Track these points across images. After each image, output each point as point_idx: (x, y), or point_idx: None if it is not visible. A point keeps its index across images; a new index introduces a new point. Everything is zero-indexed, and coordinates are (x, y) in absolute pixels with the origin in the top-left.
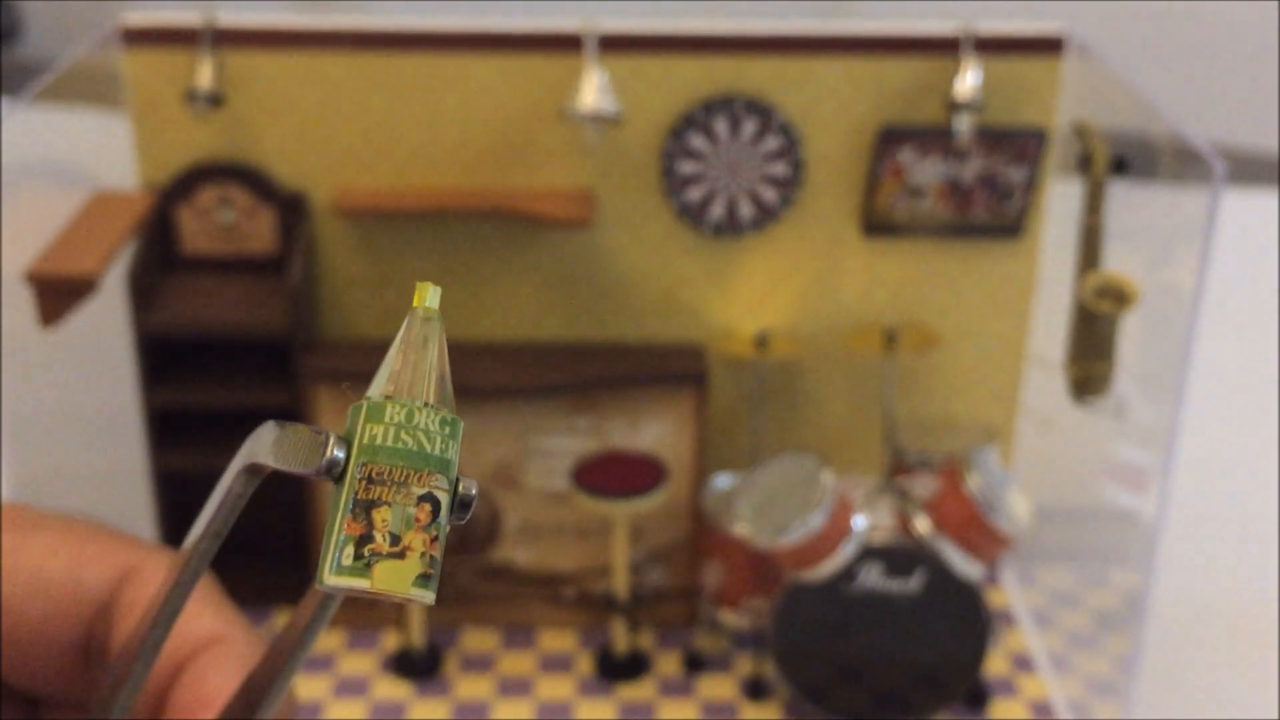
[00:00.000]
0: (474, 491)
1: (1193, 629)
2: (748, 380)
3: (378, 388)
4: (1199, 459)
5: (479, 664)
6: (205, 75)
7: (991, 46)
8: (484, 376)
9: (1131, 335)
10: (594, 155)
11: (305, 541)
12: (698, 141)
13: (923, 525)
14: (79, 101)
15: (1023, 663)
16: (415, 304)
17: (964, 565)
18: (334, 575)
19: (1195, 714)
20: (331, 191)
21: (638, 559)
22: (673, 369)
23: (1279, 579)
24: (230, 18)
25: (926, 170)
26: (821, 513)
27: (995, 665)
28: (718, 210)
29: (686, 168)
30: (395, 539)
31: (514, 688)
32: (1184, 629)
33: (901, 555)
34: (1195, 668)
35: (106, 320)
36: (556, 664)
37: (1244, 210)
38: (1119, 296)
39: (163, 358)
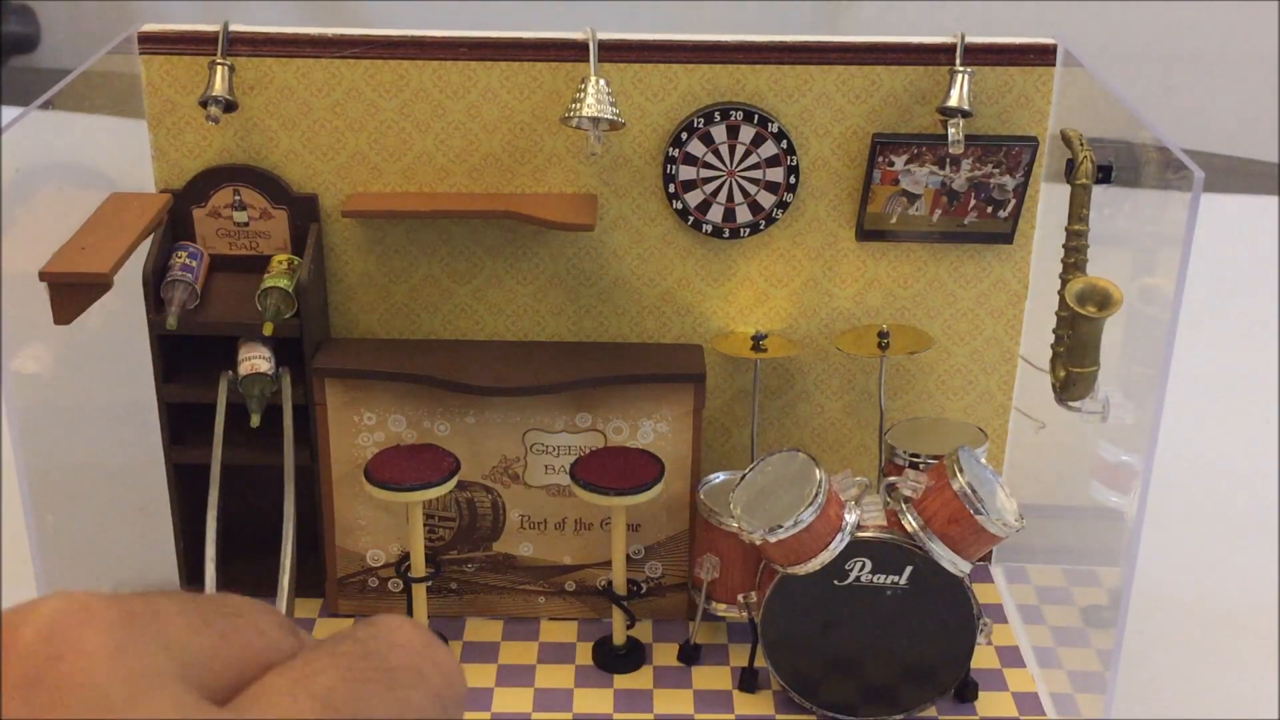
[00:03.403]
0: None
1: (1180, 624)
2: (744, 380)
3: None
4: (1186, 459)
5: (481, 653)
6: (219, 81)
7: (984, 56)
8: (487, 375)
9: (1115, 338)
10: (596, 160)
11: (317, 536)
12: (697, 147)
13: (911, 522)
14: (97, 106)
15: (1010, 657)
16: None
17: (952, 562)
18: None
19: (1178, 707)
20: (342, 194)
21: (636, 553)
22: (671, 368)
23: (1272, 576)
24: (243, 25)
25: (920, 177)
26: (813, 509)
27: (984, 660)
28: (716, 214)
29: (686, 173)
30: None
31: (515, 677)
32: (1171, 624)
33: (891, 551)
34: (1180, 662)
35: (128, 317)
36: (556, 654)
37: (1229, 215)
38: (1102, 301)
39: (178, 354)
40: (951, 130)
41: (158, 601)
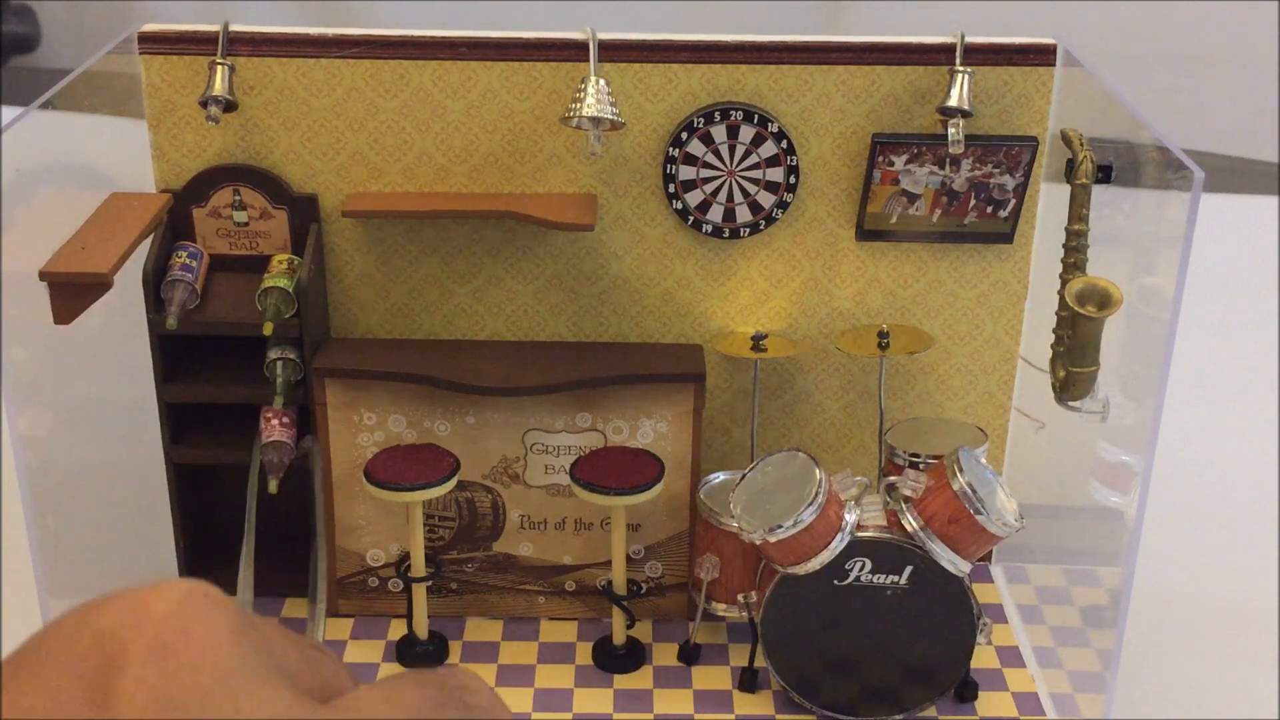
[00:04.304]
0: None
1: (1180, 624)
2: (744, 380)
3: None
4: (1186, 459)
5: (481, 653)
6: (219, 81)
7: (984, 56)
8: (488, 374)
9: (1115, 338)
10: (596, 160)
11: (314, 537)
12: (697, 147)
13: (911, 522)
14: (97, 106)
15: (1010, 657)
16: None
17: (951, 562)
18: None
19: (1178, 707)
20: (342, 194)
21: (636, 553)
22: (671, 368)
23: (1271, 576)
24: (243, 25)
25: (920, 177)
26: (813, 509)
27: (984, 660)
28: (716, 214)
29: (686, 173)
30: None
31: (515, 677)
32: (1171, 624)
33: (891, 551)
34: (1180, 662)
35: (128, 317)
36: (556, 654)
37: (1229, 215)
38: (1102, 301)
39: (178, 354)
40: (951, 130)
41: (256, 616)
